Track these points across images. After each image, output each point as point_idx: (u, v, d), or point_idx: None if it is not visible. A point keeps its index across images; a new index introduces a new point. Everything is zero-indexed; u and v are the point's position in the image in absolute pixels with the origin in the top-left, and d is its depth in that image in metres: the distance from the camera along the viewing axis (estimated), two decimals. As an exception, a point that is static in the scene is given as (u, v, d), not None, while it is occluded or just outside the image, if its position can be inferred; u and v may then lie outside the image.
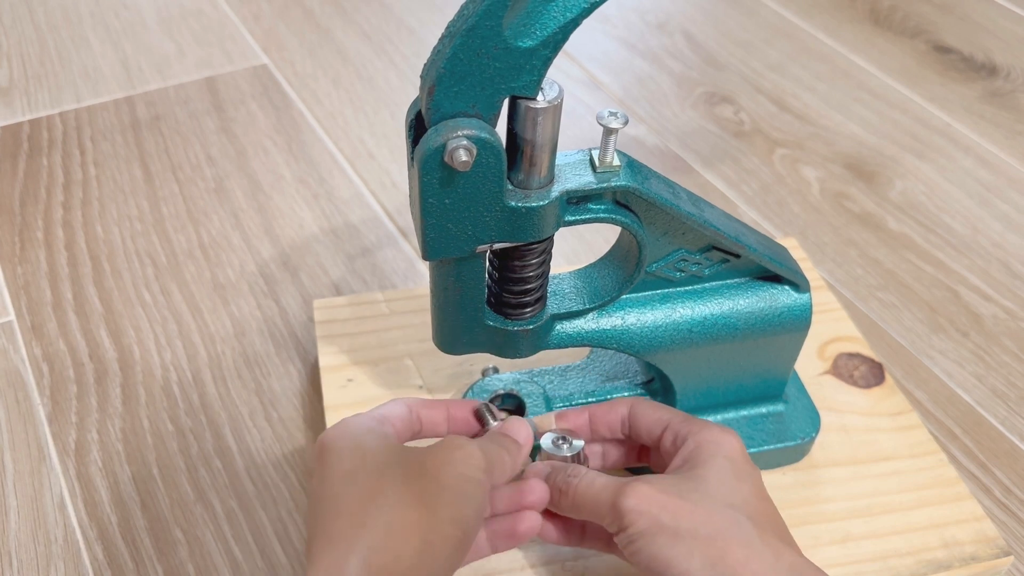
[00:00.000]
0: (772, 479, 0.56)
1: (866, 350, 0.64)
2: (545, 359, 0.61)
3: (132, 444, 0.61)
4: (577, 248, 0.76)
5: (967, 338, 0.70)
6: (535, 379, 0.58)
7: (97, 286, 0.72)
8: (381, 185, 0.81)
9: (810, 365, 0.63)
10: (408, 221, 0.78)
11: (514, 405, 0.57)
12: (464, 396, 0.58)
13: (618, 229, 0.49)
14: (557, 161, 0.44)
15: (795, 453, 0.57)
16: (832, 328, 0.65)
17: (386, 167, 0.83)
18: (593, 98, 0.93)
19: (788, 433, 0.56)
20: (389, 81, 0.94)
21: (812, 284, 0.68)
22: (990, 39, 1.02)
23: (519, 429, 0.48)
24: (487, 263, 0.47)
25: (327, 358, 0.62)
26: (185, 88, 0.92)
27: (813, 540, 0.53)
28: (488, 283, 0.49)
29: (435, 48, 0.40)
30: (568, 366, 0.59)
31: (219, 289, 0.72)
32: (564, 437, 0.50)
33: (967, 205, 0.82)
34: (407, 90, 0.92)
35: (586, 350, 0.60)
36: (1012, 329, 0.71)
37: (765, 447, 0.56)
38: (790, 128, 0.89)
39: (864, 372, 0.62)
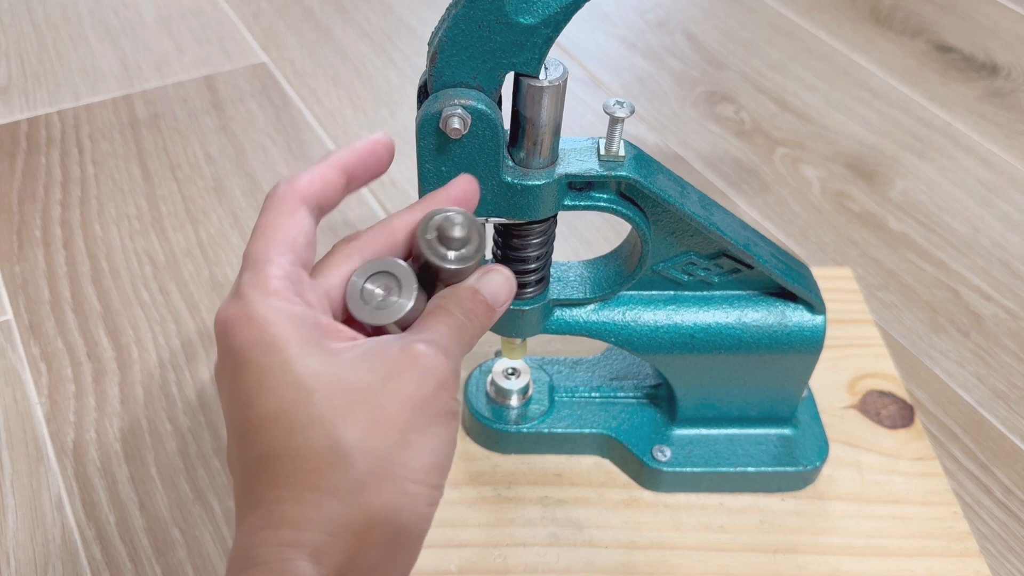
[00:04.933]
0: (769, 502, 0.55)
1: (900, 391, 0.62)
2: (562, 350, 0.61)
3: (130, 444, 0.61)
4: (578, 248, 0.76)
5: (968, 338, 0.70)
6: (544, 367, 0.58)
7: (95, 285, 0.71)
8: (380, 184, 0.81)
9: (837, 397, 0.61)
10: (407, 220, 0.78)
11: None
12: (470, 374, 0.58)
13: (624, 231, 0.49)
14: (564, 146, 0.45)
15: (797, 480, 0.56)
16: (869, 364, 0.63)
17: (385, 166, 0.83)
18: (593, 97, 0.92)
19: (791, 458, 0.55)
20: (388, 80, 0.93)
21: (857, 318, 0.66)
22: (991, 39, 1.02)
23: (499, 290, 0.37)
24: (493, 239, 0.48)
25: None
26: (184, 86, 0.92)
27: (797, 569, 0.52)
28: (492, 260, 0.49)
29: (442, 17, 0.40)
30: (579, 360, 0.59)
31: (218, 288, 0.72)
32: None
33: (968, 205, 0.81)
34: (407, 89, 0.92)
35: (601, 347, 0.60)
36: (1013, 329, 0.71)
37: (764, 468, 0.55)
38: (791, 127, 0.89)
39: (892, 412, 0.61)
